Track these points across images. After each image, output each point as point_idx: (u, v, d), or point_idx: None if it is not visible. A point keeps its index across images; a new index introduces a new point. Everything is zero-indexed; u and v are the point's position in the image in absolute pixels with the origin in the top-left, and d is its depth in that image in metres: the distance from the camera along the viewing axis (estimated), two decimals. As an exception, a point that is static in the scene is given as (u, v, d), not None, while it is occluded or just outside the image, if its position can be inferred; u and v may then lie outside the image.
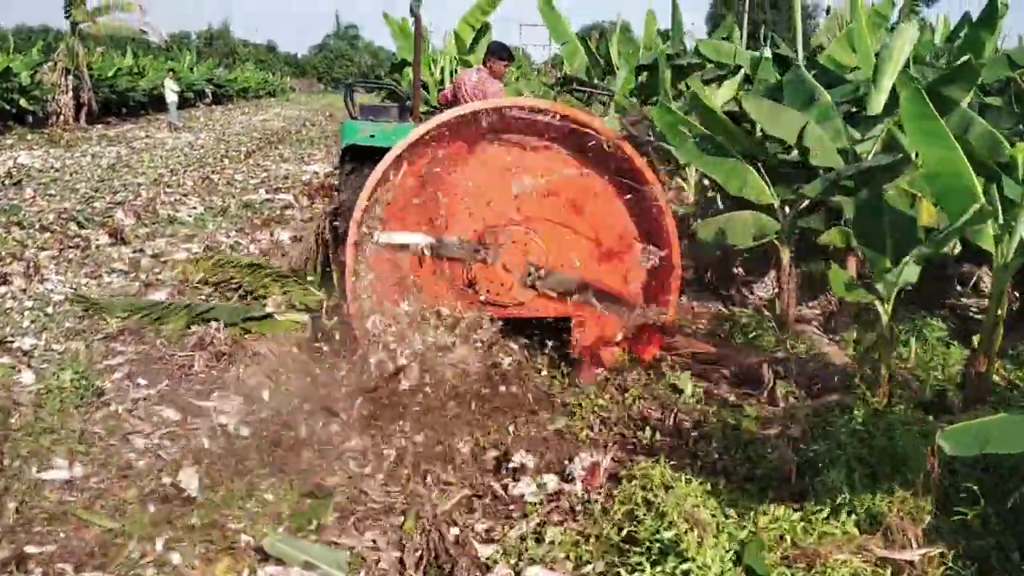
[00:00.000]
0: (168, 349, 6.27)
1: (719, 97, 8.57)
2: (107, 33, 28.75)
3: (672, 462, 4.34)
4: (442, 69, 17.26)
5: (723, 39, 16.08)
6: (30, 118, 26.40)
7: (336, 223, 6.88)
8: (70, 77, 27.25)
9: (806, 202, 6.46)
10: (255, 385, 5.34)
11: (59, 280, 8.12)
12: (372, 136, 6.36)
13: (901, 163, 5.54)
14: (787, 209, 6.55)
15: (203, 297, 7.66)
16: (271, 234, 10.49)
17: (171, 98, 27.93)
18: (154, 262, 8.95)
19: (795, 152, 6.87)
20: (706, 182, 8.49)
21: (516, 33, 51.23)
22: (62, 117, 26.96)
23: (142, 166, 17.44)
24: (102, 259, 9.04)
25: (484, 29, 16.90)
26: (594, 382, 5.69)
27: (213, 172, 16.79)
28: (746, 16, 37.91)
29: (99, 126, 27.79)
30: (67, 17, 27.57)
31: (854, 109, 7.37)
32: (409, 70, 15.34)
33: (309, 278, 7.61)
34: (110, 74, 32.12)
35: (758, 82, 8.57)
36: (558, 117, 5.49)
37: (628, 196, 5.67)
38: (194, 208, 12.47)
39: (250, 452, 4.53)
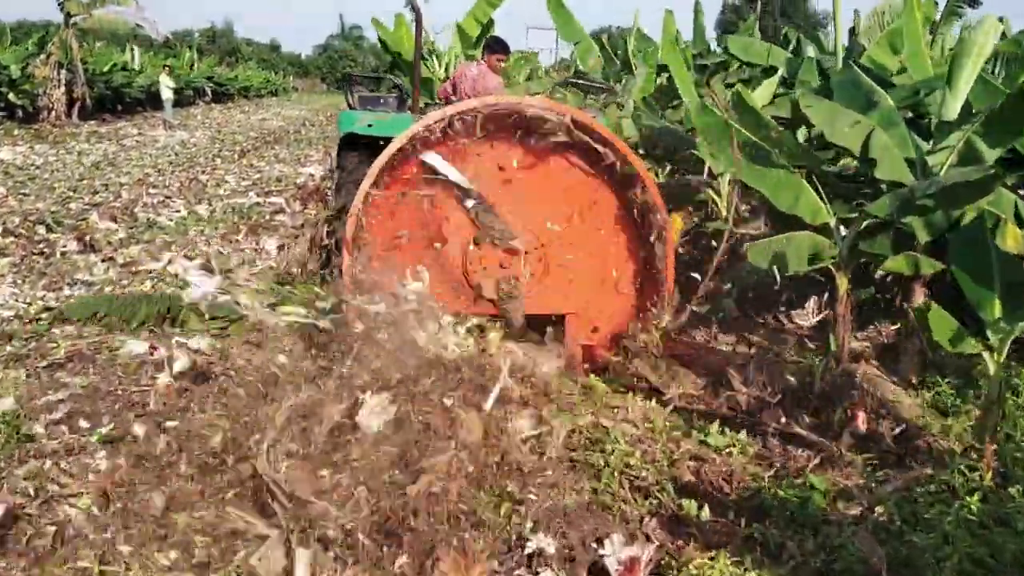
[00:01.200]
0: (123, 378, 5.38)
1: (757, 101, 7.66)
2: (102, 28, 27.86)
3: (727, 548, 3.45)
4: (446, 65, 16.40)
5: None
6: (20, 112, 25.53)
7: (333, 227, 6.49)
8: (63, 71, 26.38)
9: (866, 222, 5.55)
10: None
11: (12, 293, 7.22)
12: (370, 126, 6.37)
13: (991, 180, 4.64)
14: (842, 229, 5.65)
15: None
16: (256, 243, 9.58)
17: (166, 95, 27.05)
18: (123, 273, 8.05)
19: (849, 162, 6.01)
20: (737, 196, 7.62)
21: (522, 35, 50.37)
22: (53, 112, 26.07)
23: (128, 165, 16.57)
24: (66, 268, 8.14)
25: (489, 25, 16.09)
26: (586, 376, 5.49)
27: (203, 172, 15.91)
28: (756, 23, 36.92)
29: (92, 122, 26.95)
30: (61, 9, 26.72)
31: (910, 114, 6.49)
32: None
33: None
34: (106, 69, 31.27)
35: (800, 84, 7.68)
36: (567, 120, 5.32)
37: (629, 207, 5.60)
38: (177, 212, 11.57)
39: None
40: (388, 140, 5.41)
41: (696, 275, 7.42)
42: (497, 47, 7.49)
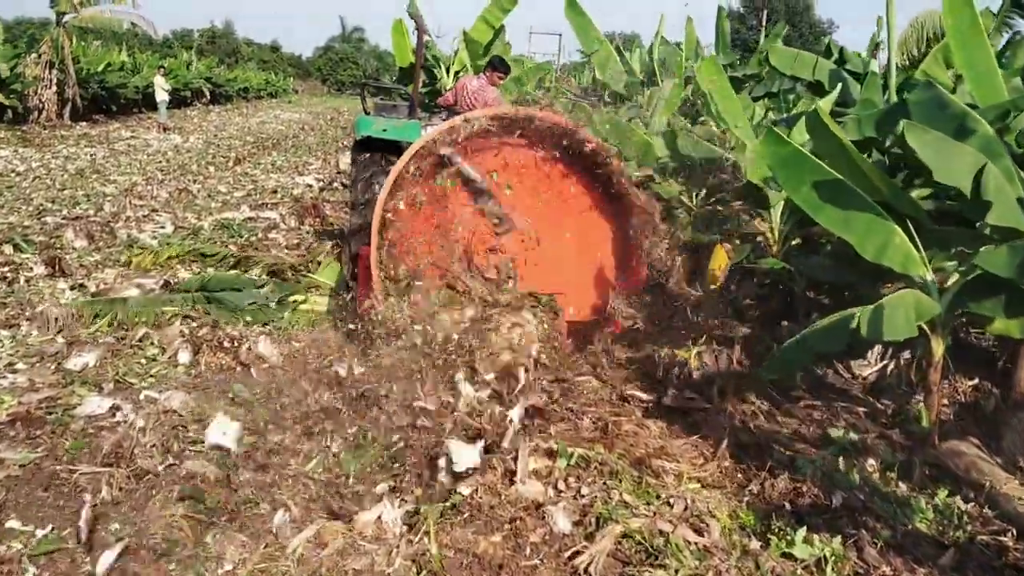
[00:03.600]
0: (75, 453, 4.45)
1: (809, 121, 6.73)
2: (96, 26, 26.95)
3: None
4: (456, 74, 15.51)
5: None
6: (9, 113, 24.56)
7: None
8: (54, 71, 25.47)
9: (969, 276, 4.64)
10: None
11: (-39, 330, 6.31)
12: (384, 130, 7.28)
13: None
14: (928, 278, 4.73)
15: (142, 362, 5.88)
16: (245, 271, 8.61)
17: (161, 96, 26.08)
18: (93, 307, 7.12)
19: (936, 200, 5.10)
20: (784, 225, 6.71)
21: (525, 40, 49.30)
22: (44, 113, 25.17)
23: (116, 172, 15.65)
24: (28, 298, 7.21)
25: (500, 31, 15.25)
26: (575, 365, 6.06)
27: (194, 181, 14.98)
28: (762, 32, 35.88)
29: (84, 124, 26.02)
30: (52, 6, 25.79)
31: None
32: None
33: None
34: (100, 69, 30.32)
35: (863, 104, 6.78)
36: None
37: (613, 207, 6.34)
38: (162, 227, 10.64)
39: None
40: (397, 143, 6.61)
41: (746, 327, 6.56)
42: (500, 67, 8.12)
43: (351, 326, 6.25)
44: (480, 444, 4.34)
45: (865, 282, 5.49)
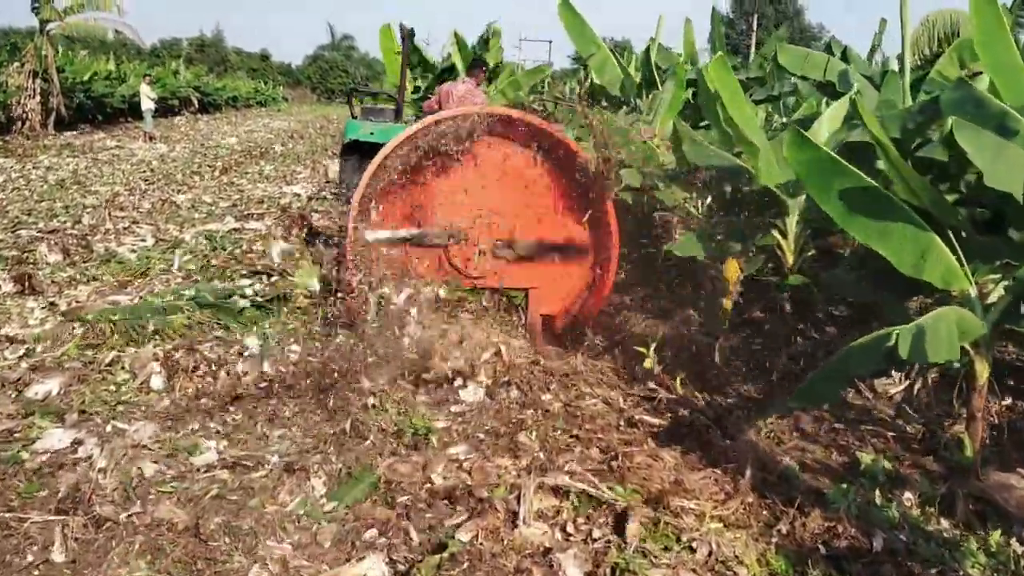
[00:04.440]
0: (27, 500, 3.99)
1: (825, 126, 6.33)
2: (79, 34, 26.46)
3: None
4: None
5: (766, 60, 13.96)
6: (-9, 124, 24.06)
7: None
8: (38, 80, 24.97)
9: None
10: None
11: (-84, 355, 5.84)
12: (371, 133, 7.47)
13: None
14: (972, 294, 4.32)
15: (111, 388, 5.42)
16: (230, 281, 8.16)
17: (147, 105, 25.56)
18: (61, 328, 6.66)
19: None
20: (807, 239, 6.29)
21: (515, 46, 48.95)
22: (27, 123, 24.66)
23: (98, 182, 15.17)
24: (-6, 318, 6.75)
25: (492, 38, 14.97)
26: (550, 355, 6.36)
27: (179, 191, 14.51)
28: (754, 35, 35.61)
29: (68, 134, 25.52)
30: (35, 14, 25.30)
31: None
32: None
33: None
34: (86, 78, 29.83)
35: (882, 105, 6.37)
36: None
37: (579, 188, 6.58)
38: (142, 240, 10.17)
39: None
40: (383, 145, 6.39)
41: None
42: (480, 66, 9.05)
43: (339, 339, 6.01)
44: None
45: (893, 296, 5.07)
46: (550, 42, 40.15)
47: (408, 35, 8.70)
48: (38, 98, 24.96)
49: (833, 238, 6.09)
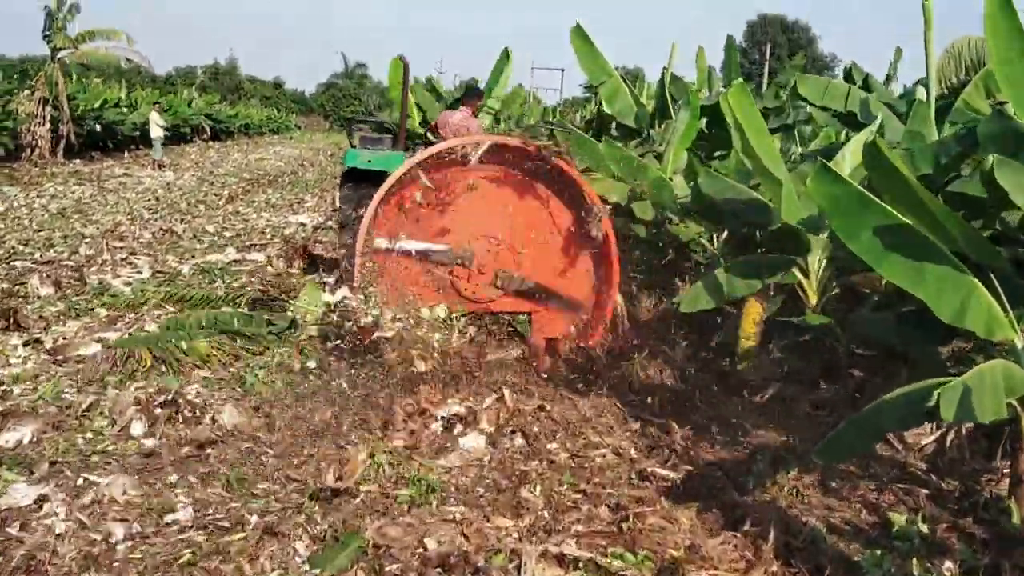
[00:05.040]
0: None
1: (849, 159, 5.98)
2: (90, 62, 26.50)
3: None
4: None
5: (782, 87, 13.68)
6: (1, 151, 23.94)
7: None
8: (48, 107, 24.95)
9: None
10: None
11: None
12: (369, 161, 7.62)
13: None
14: (1019, 345, 3.93)
15: (88, 436, 5.08)
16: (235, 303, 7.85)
17: (156, 133, 25.47)
18: (46, 363, 6.35)
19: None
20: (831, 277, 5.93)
21: (527, 75, 48.89)
22: (37, 151, 24.62)
23: (101, 211, 14.96)
24: (-28, 357, 6.43)
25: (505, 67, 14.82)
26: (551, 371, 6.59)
27: (182, 221, 14.28)
28: (767, 64, 35.24)
29: (77, 161, 25.40)
30: (47, 42, 25.35)
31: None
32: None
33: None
34: (96, 105, 29.81)
35: (910, 136, 6.03)
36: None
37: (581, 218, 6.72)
38: (139, 272, 9.89)
39: None
40: (382, 173, 6.77)
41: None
42: (476, 95, 9.02)
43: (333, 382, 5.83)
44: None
45: (925, 341, 4.70)
46: (562, 70, 40.18)
47: (406, 65, 9.09)
48: (48, 125, 24.96)
49: (858, 277, 5.71)
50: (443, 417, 5.53)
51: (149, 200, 16.93)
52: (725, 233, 7.33)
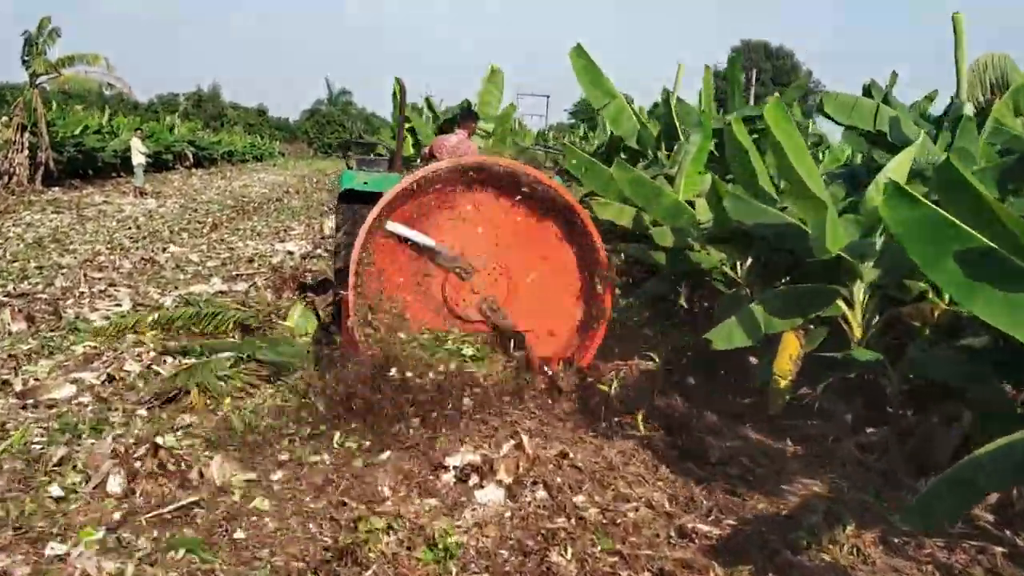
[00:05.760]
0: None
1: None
2: (70, 87, 25.95)
3: None
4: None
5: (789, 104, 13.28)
6: (-23, 178, 23.28)
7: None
8: (26, 134, 24.31)
9: None
10: None
11: None
12: (365, 183, 7.62)
13: None
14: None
15: (60, 493, 4.50)
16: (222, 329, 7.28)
17: (137, 160, 24.87)
18: (14, 407, 5.77)
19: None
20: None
21: (513, 101, 48.77)
22: (15, 178, 23.95)
23: (80, 240, 14.35)
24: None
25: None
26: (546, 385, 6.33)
27: (164, 250, 13.69)
28: (752, 89, 35.02)
29: (56, 189, 24.73)
30: (26, 68, 24.77)
31: None
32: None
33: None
34: (76, 132, 29.18)
35: (957, 153, 5.58)
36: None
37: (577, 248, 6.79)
38: (118, 305, 9.31)
39: None
40: (376, 193, 6.65)
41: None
42: (471, 117, 8.69)
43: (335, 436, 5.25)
44: None
45: (1006, 379, 4.22)
46: (547, 97, 40.05)
47: (403, 88, 9.20)
48: (26, 152, 24.32)
49: (907, 308, 5.23)
50: (456, 467, 5.00)
51: (130, 228, 16.34)
52: (749, 260, 6.85)
